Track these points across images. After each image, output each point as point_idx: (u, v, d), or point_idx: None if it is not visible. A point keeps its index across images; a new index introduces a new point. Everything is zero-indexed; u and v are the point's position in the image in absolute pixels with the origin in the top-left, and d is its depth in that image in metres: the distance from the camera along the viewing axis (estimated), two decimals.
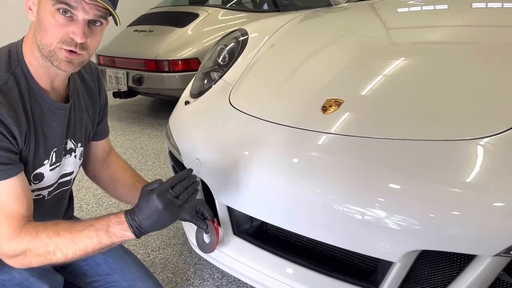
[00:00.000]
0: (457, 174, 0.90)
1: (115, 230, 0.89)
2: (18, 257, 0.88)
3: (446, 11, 1.74)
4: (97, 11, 0.88)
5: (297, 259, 1.14)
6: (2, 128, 0.85)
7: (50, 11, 0.85)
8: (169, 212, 0.89)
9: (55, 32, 0.86)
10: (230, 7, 3.85)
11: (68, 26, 0.86)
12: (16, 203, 0.89)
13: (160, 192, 0.89)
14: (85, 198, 2.22)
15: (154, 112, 4.06)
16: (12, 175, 0.88)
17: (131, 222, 0.89)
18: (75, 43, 0.87)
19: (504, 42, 1.30)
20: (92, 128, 1.15)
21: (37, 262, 0.89)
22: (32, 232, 0.88)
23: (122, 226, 0.90)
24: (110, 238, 0.89)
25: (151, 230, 0.91)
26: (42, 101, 0.95)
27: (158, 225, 0.91)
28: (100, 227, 0.89)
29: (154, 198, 0.88)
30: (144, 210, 0.89)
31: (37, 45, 0.89)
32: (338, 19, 1.91)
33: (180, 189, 0.91)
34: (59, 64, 0.89)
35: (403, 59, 1.31)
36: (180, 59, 3.30)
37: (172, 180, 0.92)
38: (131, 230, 0.89)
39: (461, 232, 0.86)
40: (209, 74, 1.68)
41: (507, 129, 0.94)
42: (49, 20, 0.86)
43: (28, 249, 0.87)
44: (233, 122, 1.29)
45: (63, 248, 0.88)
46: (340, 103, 1.14)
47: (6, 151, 0.87)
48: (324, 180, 1.01)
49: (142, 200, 0.90)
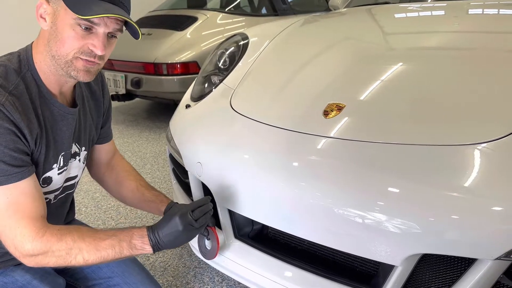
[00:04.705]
0: (457, 178, 0.91)
1: (136, 243, 0.95)
2: (38, 257, 0.89)
3: (443, 17, 1.77)
4: (117, 25, 0.90)
5: (298, 262, 1.14)
6: (16, 130, 0.86)
7: (69, 23, 0.86)
8: (187, 233, 0.98)
9: (73, 44, 0.87)
10: (228, 11, 3.86)
11: (88, 38, 0.88)
12: (34, 204, 0.90)
13: (182, 214, 0.97)
14: (83, 201, 2.22)
15: (152, 115, 4.06)
16: (27, 176, 0.89)
17: (151, 237, 0.95)
18: (94, 54, 0.89)
19: (502, 49, 1.32)
20: (96, 132, 1.16)
21: (54, 263, 0.91)
22: (57, 234, 0.90)
23: (143, 239, 0.95)
24: (131, 250, 0.94)
25: (167, 247, 0.98)
26: (52, 105, 0.96)
27: (175, 243, 0.99)
28: (124, 238, 0.94)
29: (176, 219, 0.96)
30: (165, 228, 0.96)
31: (52, 54, 0.90)
32: (337, 24, 1.93)
33: (199, 214, 1.00)
34: (77, 74, 0.91)
35: (403, 65, 1.32)
36: (179, 63, 3.31)
37: (193, 204, 1.02)
38: (150, 244, 0.95)
39: (461, 236, 0.87)
40: (209, 78, 1.69)
41: (506, 134, 0.95)
42: (68, 32, 0.86)
43: (51, 250, 0.89)
44: (234, 126, 1.29)
45: (85, 253, 0.91)
46: (342, 107, 1.15)
47: (21, 153, 0.88)
48: (325, 184, 1.02)
49: (165, 219, 0.98)
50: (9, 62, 0.92)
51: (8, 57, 0.94)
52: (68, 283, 1.11)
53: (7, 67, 0.90)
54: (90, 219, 2.04)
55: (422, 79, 1.23)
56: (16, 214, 0.87)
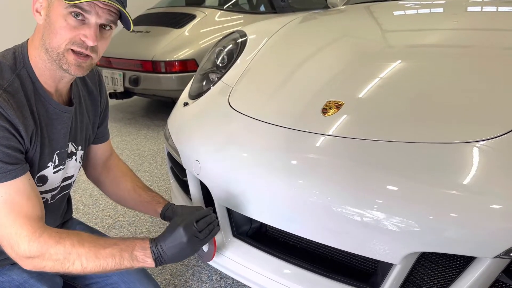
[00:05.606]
0: (456, 176, 0.91)
1: (138, 255, 0.93)
2: (34, 259, 0.87)
3: (442, 14, 1.76)
4: (109, 15, 0.88)
5: (296, 261, 1.14)
6: (10, 127, 0.85)
7: (61, 14, 0.85)
8: (191, 244, 0.95)
9: (65, 34, 0.86)
10: (227, 8, 3.85)
11: (80, 29, 0.86)
12: (29, 203, 0.88)
13: (186, 224, 0.95)
14: (81, 200, 2.21)
15: (150, 113, 4.05)
16: (21, 174, 0.87)
17: (154, 249, 0.93)
18: (86, 45, 0.88)
19: (500, 46, 1.32)
20: (93, 131, 1.15)
21: (52, 268, 0.89)
22: (56, 237, 0.88)
23: (145, 252, 0.93)
24: (132, 261, 0.92)
25: (170, 260, 0.95)
26: (47, 103, 0.95)
27: (179, 256, 0.96)
28: (125, 249, 0.92)
29: (180, 230, 0.94)
30: (168, 239, 0.94)
31: (45, 48, 0.88)
32: (336, 22, 1.92)
33: (203, 225, 0.98)
34: (69, 68, 0.89)
35: (402, 62, 1.32)
36: (177, 60, 3.30)
37: (196, 215, 1.00)
38: (152, 257, 0.93)
39: (460, 234, 0.87)
40: (207, 76, 1.68)
41: (505, 132, 0.95)
42: (60, 22, 0.85)
43: (48, 252, 0.87)
44: (232, 124, 1.29)
45: (84, 260, 0.88)
46: (340, 105, 1.15)
47: (15, 150, 0.86)
48: (323, 182, 1.01)
49: (168, 230, 0.96)
50: (4, 58, 0.91)
51: (3, 54, 0.93)
52: (65, 282, 1.10)
53: (2, 64, 0.89)
54: (88, 218, 2.03)
55: (421, 76, 1.23)
56: (11, 213, 0.86)
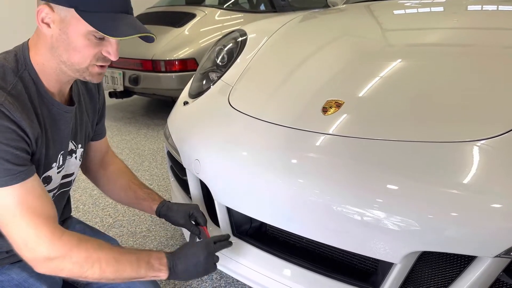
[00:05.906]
0: (457, 175, 0.90)
1: (154, 263, 0.94)
2: (53, 261, 0.85)
3: (442, 13, 1.76)
4: None
5: (296, 260, 1.14)
6: (18, 129, 0.84)
7: (82, 32, 0.85)
8: (206, 263, 0.99)
9: (88, 52, 0.88)
10: (227, 7, 3.85)
11: (102, 45, 0.89)
12: (43, 203, 0.87)
13: (207, 243, 1.01)
14: (81, 199, 2.21)
15: (150, 112, 4.05)
16: (31, 175, 0.86)
17: (170, 259, 0.96)
18: (108, 59, 0.91)
19: (501, 45, 1.31)
20: (92, 129, 1.15)
21: (69, 271, 0.87)
22: (76, 238, 0.88)
23: (161, 261, 0.95)
24: (147, 270, 0.93)
25: (183, 272, 0.97)
26: (50, 104, 0.94)
27: (192, 272, 0.99)
28: (142, 257, 0.93)
29: (199, 245, 1.00)
30: (186, 252, 0.98)
31: (61, 60, 0.89)
32: (336, 21, 1.92)
33: (220, 248, 1.05)
34: (92, 78, 0.93)
35: (402, 61, 1.32)
36: (177, 59, 3.29)
37: (216, 237, 1.07)
38: (167, 266, 0.95)
39: (460, 233, 0.86)
40: (207, 75, 1.68)
41: (506, 131, 0.95)
42: (81, 41, 0.86)
43: (69, 255, 0.86)
44: (232, 123, 1.29)
45: (104, 263, 0.88)
46: (341, 104, 1.14)
47: (23, 151, 0.85)
48: (324, 181, 1.01)
49: (187, 245, 1.01)
50: (6, 61, 0.90)
51: (4, 56, 0.92)
52: (65, 281, 1.10)
53: (5, 67, 0.88)
54: (88, 217, 2.03)
55: (421, 75, 1.23)
56: (26, 214, 0.84)
